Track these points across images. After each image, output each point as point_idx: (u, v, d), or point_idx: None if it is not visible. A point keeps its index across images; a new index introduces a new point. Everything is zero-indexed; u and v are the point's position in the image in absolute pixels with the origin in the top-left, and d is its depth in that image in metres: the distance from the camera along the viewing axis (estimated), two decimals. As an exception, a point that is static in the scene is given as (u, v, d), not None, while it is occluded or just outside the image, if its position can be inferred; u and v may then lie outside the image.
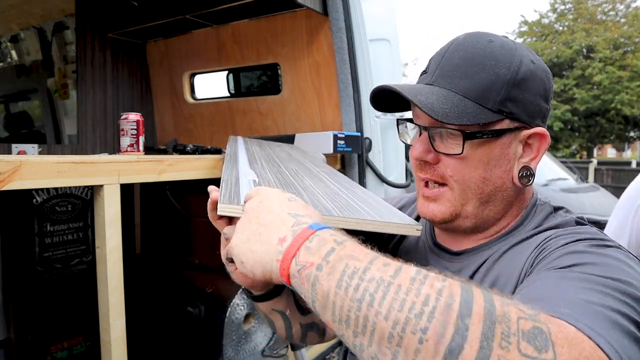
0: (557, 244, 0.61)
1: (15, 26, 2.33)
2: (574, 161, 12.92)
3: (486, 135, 0.66)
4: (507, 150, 0.68)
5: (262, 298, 0.79)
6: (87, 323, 1.77)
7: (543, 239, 0.65)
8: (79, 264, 1.81)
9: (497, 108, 0.65)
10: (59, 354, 1.74)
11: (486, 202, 0.70)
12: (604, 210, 4.67)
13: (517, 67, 0.66)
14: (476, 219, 0.71)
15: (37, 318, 1.68)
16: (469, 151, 0.66)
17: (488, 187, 0.69)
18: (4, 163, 0.99)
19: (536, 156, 0.69)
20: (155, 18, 2.45)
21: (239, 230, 0.55)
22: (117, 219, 1.22)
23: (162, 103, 2.97)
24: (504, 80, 0.65)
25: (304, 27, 2.27)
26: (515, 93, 0.65)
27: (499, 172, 0.68)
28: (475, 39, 0.69)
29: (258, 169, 1.02)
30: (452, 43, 0.71)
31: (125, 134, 1.44)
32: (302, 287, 0.47)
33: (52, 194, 1.72)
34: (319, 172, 1.16)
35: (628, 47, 16.69)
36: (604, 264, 0.53)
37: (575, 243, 0.60)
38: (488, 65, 0.66)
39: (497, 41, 0.69)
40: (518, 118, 0.66)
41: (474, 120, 0.64)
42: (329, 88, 2.23)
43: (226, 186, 0.75)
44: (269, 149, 1.58)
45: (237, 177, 0.84)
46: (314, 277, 0.46)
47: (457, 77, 0.67)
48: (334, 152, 1.96)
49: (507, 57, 0.66)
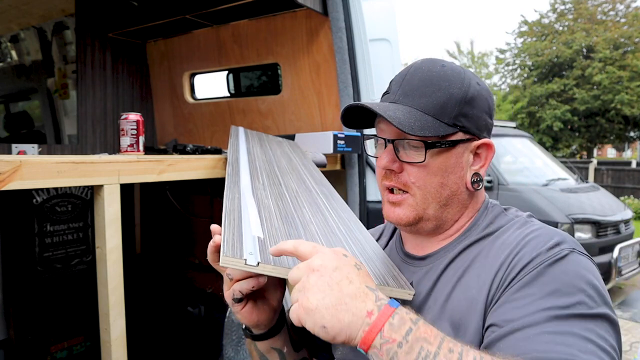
0: (520, 263, 0.68)
1: (15, 26, 2.33)
2: (574, 161, 12.93)
3: (444, 145, 0.77)
4: (460, 159, 0.79)
5: (264, 337, 0.84)
6: (87, 323, 1.77)
7: (506, 255, 0.71)
8: (79, 264, 1.81)
9: (452, 122, 0.76)
10: (59, 354, 1.74)
11: (445, 205, 0.80)
12: (604, 210, 4.67)
13: (467, 88, 0.77)
14: (437, 220, 0.81)
15: (37, 318, 1.68)
16: (429, 160, 0.77)
17: (445, 191, 0.79)
18: (4, 163, 0.99)
19: (484, 164, 0.81)
20: (155, 18, 2.45)
21: (317, 293, 0.58)
22: (117, 219, 1.22)
23: (162, 103, 2.97)
24: (457, 98, 0.77)
25: (304, 27, 2.27)
26: (466, 109, 0.77)
27: (455, 178, 0.79)
28: (431, 64, 0.80)
29: (260, 191, 1.05)
30: (411, 67, 0.82)
31: (125, 134, 1.44)
32: (379, 357, 0.55)
33: (52, 194, 1.72)
34: (318, 195, 1.19)
35: (628, 47, 16.67)
36: (564, 287, 0.63)
37: (536, 266, 0.67)
38: (443, 86, 0.77)
39: (449, 66, 0.80)
40: (469, 131, 0.78)
41: (433, 132, 0.75)
42: (329, 88, 2.23)
43: (229, 231, 0.75)
44: (270, 152, 1.58)
45: (240, 215, 0.85)
46: (393, 352, 0.54)
47: (417, 96, 0.78)
48: (334, 152, 1.96)
49: (458, 79, 0.78)
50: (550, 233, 0.72)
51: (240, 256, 0.67)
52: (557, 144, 17.99)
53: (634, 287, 5.19)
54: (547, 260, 0.66)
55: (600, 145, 21.16)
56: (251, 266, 0.66)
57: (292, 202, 1.05)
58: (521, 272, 0.66)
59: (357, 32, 2.12)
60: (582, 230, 4.37)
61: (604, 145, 21.90)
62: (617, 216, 4.71)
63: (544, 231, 0.73)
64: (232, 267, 0.66)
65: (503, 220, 0.80)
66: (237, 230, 0.77)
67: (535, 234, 0.72)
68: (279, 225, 0.86)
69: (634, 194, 11.07)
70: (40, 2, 2.39)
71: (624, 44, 16.73)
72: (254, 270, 0.67)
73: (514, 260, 0.69)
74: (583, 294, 0.62)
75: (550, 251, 0.67)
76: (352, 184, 2.18)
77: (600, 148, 23.46)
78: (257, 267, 0.67)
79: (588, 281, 0.64)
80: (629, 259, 4.63)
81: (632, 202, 10.17)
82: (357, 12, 2.13)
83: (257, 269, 0.67)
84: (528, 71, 18.98)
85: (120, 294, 1.22)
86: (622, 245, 4.48)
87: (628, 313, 4.36)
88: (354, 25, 2.11)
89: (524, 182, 4.95)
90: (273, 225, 0.85)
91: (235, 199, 0.96)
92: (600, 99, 16.27)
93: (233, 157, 1.36)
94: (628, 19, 17.16)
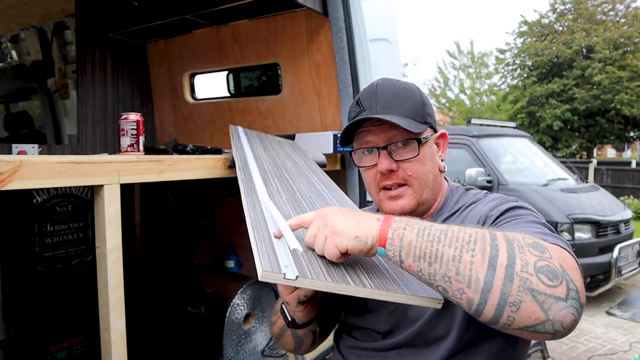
0: (499, 211, 0.89)
1: (15, 26, 2.33)
2: (574, 161, 12.90)
3: (425, 139, 0.96)
4: (432, 149, 0.99)
5: (306, 325, 0.99)
6: (87, 323, 1.77)
7: (484, 214, 0.91)
8: (79, 264, 1.81)
9: (423, 121, 0.96)
10: (59, 354, 1.74)
11: (432, 189, 0.98)
12: (604, 210, 4.67)
13: (420, 94, 0.99)
14: (427, 203, 0.99)
15: (37, 318, 1.68)
16: (421, 152, 0.95)
17: (431, 177, 0.97)
18: (4, 163, 0.99)
19: (444, 150, 1.03)
20: (155, 18, 2.45)
21: (339, 220, 0.76)
22: (117, 219, 1.22)
23: (162, 103, 2.97)
24: (420, 102, 0.97)
25: (304, 27, 2.27)
26: (427, 109, 0.98)
27: (433, 164, 0.98)
28: (389, 81, 0.99)
29: (276, 197, 1.08)
30: (375, 86, 0.98)
31: (125, 134, 1.44)
32: (393, 244, 0.71)
33: (52, 194, 1.72)
34: (331, 200, 1.22)
35: (628, 47, 16.67)
36: (525, 213, 0.88)
37: (508, 209, 0.90)
38: (408, 94, 0.97)
39: (401, 81, 1.01)
40: (432, 126, 0.99)
41: (417, 130, 0.93)
42: (329, 88, 2.23)
43: (261, 244, 0.78)
44: (274, 154, 1.58)
45: (267, 226, 0.88)
46: (401, 234, 0.71)
47: (394, 105, 0.94)
48: (334, 152, 1.96)
49: (413, 89, 0.99)
50: (508, 197, 0.95)
51: (279, 271, 0.68)
52: (557, 144, 17.98)
53: (634, 287, 5.19)
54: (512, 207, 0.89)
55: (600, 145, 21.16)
56: (289, 280, 0.68)
57: (309, 209, 1.05)
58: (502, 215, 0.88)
59: (357, 32, 2.12)
60: (582, 230, 4.37)
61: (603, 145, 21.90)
62: (617, 216, 4.71)
63: (503, 196, 0.96)
64: (272, 282, 0.70)
65: (467, 198, 1.00)
66: (268, 243, 0.78)
67: (498, 199, 0.94)
68: (303, 235, 0.84)
69: (634, 194, 11.07)
70: (40, 2, 2.39)
71: (624, 44, 16.73)
72: (293, 284, 0.69)
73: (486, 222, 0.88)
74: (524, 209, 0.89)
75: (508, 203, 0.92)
76: (352, 184, 2.18)
77: (600, 148, 23.45)
78: (296, 280, 0.68)
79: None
80: (628, 259, 4.62)
81: (632, 202, 10.17)
82: (357, 12, 2.13)
83: (295, 282, 0.69)
84: (528, 71, 18.98)
85: (120, 294, 1.22)
86: (622, 245, 4.47)
87: (628, 313, 4.36)
88: (354, 25, 2.11)
89: (524, 182, 4.94)
90: (299, 235, 0.84)
91: (256, 209, 0.97)
92: (600, 98, 16.27)
93: (242, 161, 1.36)
94: (628, 19, 17.16)
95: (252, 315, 1.87)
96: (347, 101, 2.13)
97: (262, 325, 1.91)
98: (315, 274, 0.71)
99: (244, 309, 1.83)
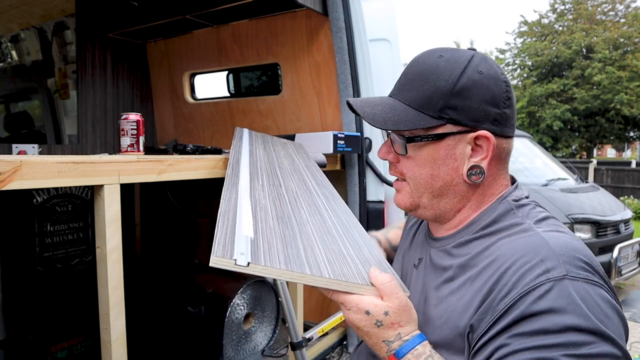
0: (501, 294, 0.66)
1: (15, 26, 2.33)
2: (574, 161, 12.90)
3: (427, 138, 0.77)
4: (453, 151, 0.77)
5: None
6: (87, 323, 1.77)
7: (495, 279, 0.68)
8: (79, 264, 1.81)
9: (437, 115, 0.75)
10: (59, 354, 1.74)
11: (439, 196, 0.80)
12: (604, 210, 4.67)
13: (455, 79, 0.74)
14: (433, 210, 0.82)
15: (37, 318, 1.68)
16: (414, 152, 0.79)
17: (437, 182, 0.79)
18: (4, 163, 0.99)
19: (487, 156, 0.76)
20: (155, 18, 2.45)
21: (366, 322, 0.71)
22: (117, 219, 1.22)
23: (162, 103, 2.97)
24: (443, 91, 0.74)
25: (304, 27, 2.27)
26: (454, 101, 0.74)
27: (447, 169, 0.78)
28: (428, 55, 0.79)
29: (258, 192, 1.05)
30: (414, 59, 0.82)
31: (125, 134, 1.44)
32: None
33: (53, 194, 1.72)
34: (318, 196, 1.19)
35: (627, 47, 16.66)
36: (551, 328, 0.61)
37: (515, 299, 0.64)
38: (431, 79, 0.76)
39: (447, 56, 0.78)
40: (460, 122, 0.75)
41: (412, 125, 0.76)
42: (329, 88, 2.23)
43: (222, 232, 0.76)
44: (273, 154, 1.58)
45: (235, 216, 0.86)
46: None
47: (407, 90, 0.79)
48: (334, 152, 1.96)
49: (448, 70, 0.75)
50: (541, 252, 0.66)
51: (231, 256, 0.67)
52: (557, 144, 17.97)
53: (634, 287, 5.19)
54: (525, 292, 0.63)
55: (600, 145, 21.15)
56: (241, 266, 0.67)
57: (290, 202, 1.05)
58: (501, 304, 0.65)
59: (357, 32, 2.13)
60: (581, 230, 4.37)
61: (603, 145, 21.89)
62: (616, 216, 4.71)
63: (535, 249, 0.67)
64: (223, 267, 0.67)
65: (507, 222, 0.75)
66: (230, 231, 0.77)
67: (524, 252, 0.67)
68: (274, 225, 0.86)
69: (634, 194, 11.06)
70: (40, 2, 2.39)
71: (624, 44, 16.72)
72: (245, 271, 0.67)
73: (497, 287, 0.67)
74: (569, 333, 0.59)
75: (535, 280, 0.63)
76: (352, 184, 2.18)
77: (600, 148, 23.45)
78: (248, 267, 0.67)
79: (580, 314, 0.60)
80: (628, 259, 4.62)
81: (631, 202, 10.17)
82: (357, 12, 2.13)
83: (247, 269, 0.67)
84: (528, 71, 18.97)
85: (120, 294, 1.22)
86: (621, 245, 4.47)
87: (628, 313, 4.36)
88: (354, 26, 2.11)
89: (524, 182, 4.94)
90: (268, 225, 0.85)
91: (231, 200, 0.96)
92: (600, 98, 16.27)
93: (234, 159, 1.36)
94: (627, 19, 17.15)
95: (252, 315, 1.87)
96: (347, 101, 2.13)
97: (262, 325, 1.91)
98: (270, 262, 0.70)
99: (244, 309, 1.82)
